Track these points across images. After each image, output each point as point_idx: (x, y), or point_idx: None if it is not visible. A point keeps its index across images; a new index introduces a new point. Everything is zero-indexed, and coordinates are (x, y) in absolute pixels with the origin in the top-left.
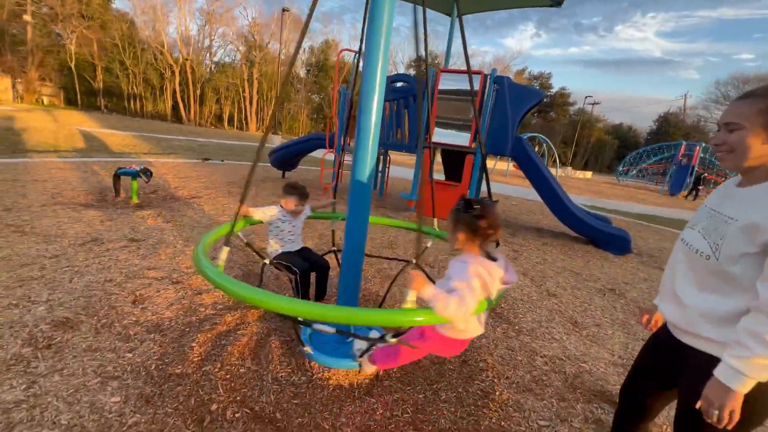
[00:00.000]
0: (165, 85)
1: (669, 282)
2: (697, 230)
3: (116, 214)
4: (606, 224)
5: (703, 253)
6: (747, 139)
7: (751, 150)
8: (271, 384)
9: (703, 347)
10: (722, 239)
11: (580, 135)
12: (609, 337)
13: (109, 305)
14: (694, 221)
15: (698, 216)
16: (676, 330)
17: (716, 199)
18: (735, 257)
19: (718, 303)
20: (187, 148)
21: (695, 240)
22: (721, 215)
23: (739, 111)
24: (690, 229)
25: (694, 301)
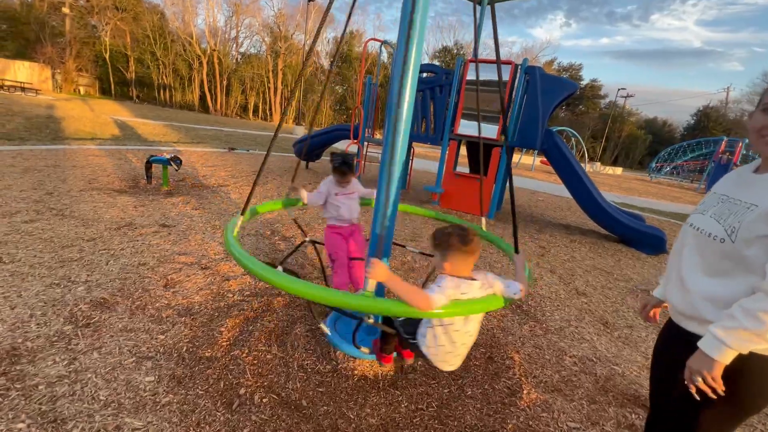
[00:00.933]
0: (193, 76)
1: (675, 268)
2: (708, 215)
3: (148, 200)
4: (640, 222)
5: (716, 236)
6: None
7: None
8: (297, 371)
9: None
10: (740, 223)
11: (611, 129)
12: (643, 339)
13: (142, 288)
14: (704, 207)
15: (708, 202)
16: (680, 317)
17: (728, 185)
18: (751, 240)
19: (724, 286)
20: (214, 137)
21: (707, 224)
22: (739, 201)
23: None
24: (700, 214)
25: (700, 285)
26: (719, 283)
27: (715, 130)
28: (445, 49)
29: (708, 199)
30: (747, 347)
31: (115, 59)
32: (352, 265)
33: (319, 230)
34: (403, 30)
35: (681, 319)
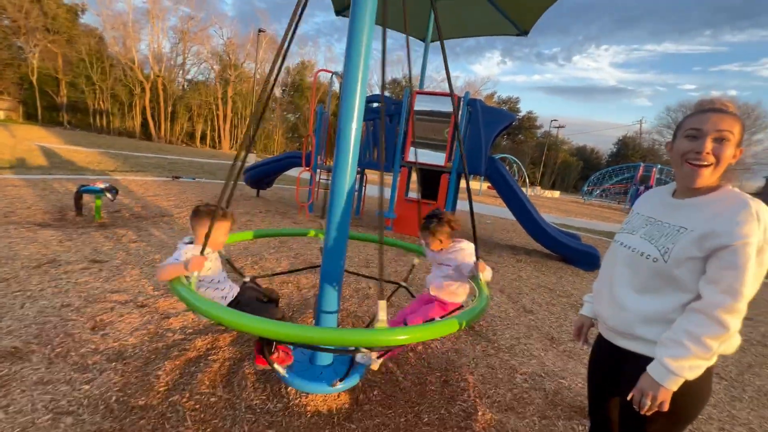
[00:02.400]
0: (134, 102)
1: (607, 285)
2: (638, 235)
3: (77, 234)
4: (577, 241)
5: (650, 255)
6: (730, 151)
7: (725, 164)
8: (245, 413)
9: (637, 349)
10: (673, 245)
11: (548, 156)
12: (585, 352)
13: (65, 332)
14: (632, 227)
15: (634, 222)
16: (611, 334)
17: (651, 207)
18: (681, 261)
19: (654, 303)
20: (157, 165)
21: (639, 244)
22: (668, 224)
23: (727, 121)
24: (629, 234)
25: (631, 302)
26: (651, 300)
27: (633, 156)
28: (394, 81)
29: (633, 219)
30: (696, 373)
31: (43, 83)
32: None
33: (271, 260)
34: (350, 63)
35: (612, 336)
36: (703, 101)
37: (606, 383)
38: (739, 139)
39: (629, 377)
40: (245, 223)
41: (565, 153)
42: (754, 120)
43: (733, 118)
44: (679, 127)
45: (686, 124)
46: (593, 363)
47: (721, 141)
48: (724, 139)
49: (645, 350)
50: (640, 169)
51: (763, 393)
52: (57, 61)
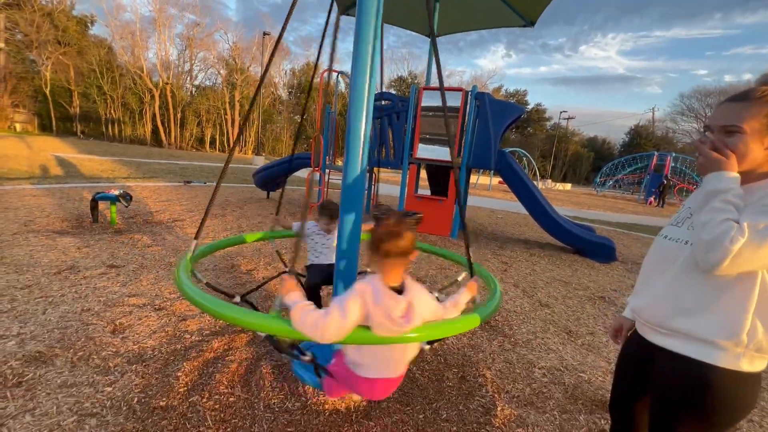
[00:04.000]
0: (144, 109)
1: (646, 280)
2: (684, 227)
3: (94, 240)
4: (590, 233)
5: (689, 242)
6: (748, 142)
7: (751, 154)
8: (263, 412)
9: (671, 345)
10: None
11: (558, 149)
12: (604, 345)
13: (86, 336)
14: (678, 220)
15: (681, 215)
16: (646, 329)
17: (699, 200)
18: None
19: (692, 292)
20: (168, 171)
21: (683, 235)
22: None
23: (734, 113)
24: (674, 227)
25: (669, 293)
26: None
27: (646, 145)
28: (400, 78)
29: (681, 213)
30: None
31: (56, 94)
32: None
33: None
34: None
35: (647, 331)
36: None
37: (635, 380)
38: (758, 128)
39: (660, 374)
40: (257, 224)
41: (576, 144)
42: None
43: (745, 106)
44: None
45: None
46: (624, 358)
47: (732, 134)
48: (732, 132)
49: (678, 347)
50: (654, 158)
51: None
52: (69, 73)
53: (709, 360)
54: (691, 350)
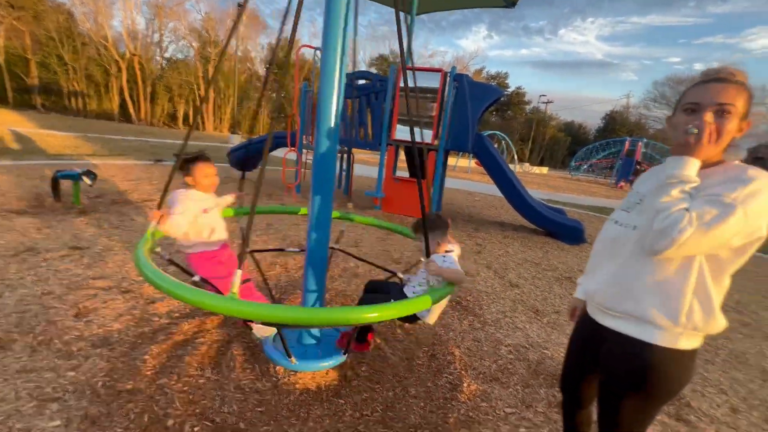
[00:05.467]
0: (111, 83)
1: (596, 263)
2: (633, 213)
3: (56, 220)
4: (561, 216)
5: (636, 227)
6: (732, 125)
7: (728, 137)
8: (234, 393)
9: (618, 327)
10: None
11: (536, 132)
12: (568, 323)
13: (47, 320)
14: (627, 205)
15: (630, 200)
16: (595, 311)
17: (649, 185)
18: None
19: (641, 277)
20: (138, 148)
21: (631, 220)
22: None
23: (731, 93)
24: (623, 211)
25: (617, 277)
26: (633, 274)
27: (620, 131)
28: (381, 57)
29: (631, 198)
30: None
31: (11, 63)
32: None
33: (258, 242)
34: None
35: (596, 313)
36: (708, 71)
37: (586, 358)
38: (744, 112)
39: (609, 353)
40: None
41: (553, 129)
42: None
43: (737, 88)
44: (680, 99)
45: (686, 97)
46: (575, 337)
47: (722, 114)
48: (725, 112)
49: (625, 328)
50: (627, 143)
51: (734, 356)
52: (24, 40)
53: (651, 340)
54: (637, 331)
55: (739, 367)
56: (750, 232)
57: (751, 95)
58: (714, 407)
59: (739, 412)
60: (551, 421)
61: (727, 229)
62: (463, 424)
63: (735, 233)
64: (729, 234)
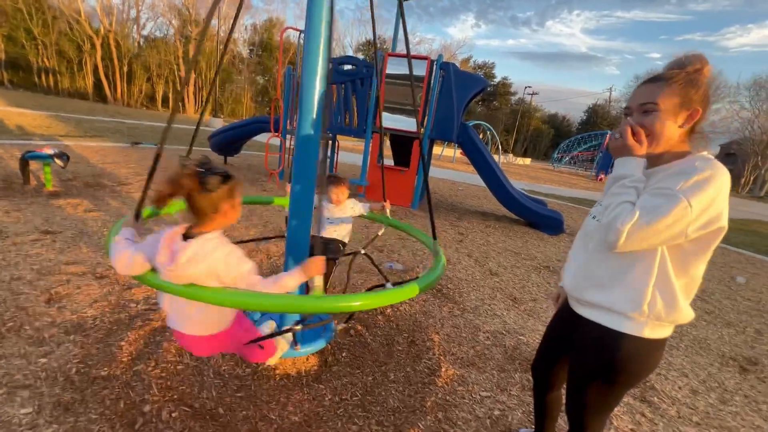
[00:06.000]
0: (84, 59)
1: (571, 256)
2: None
3: (25, 203)
4: (542, 207)
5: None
6: (664, 120)
7: (665, 133)
8: (213, 379)
9: (589, 315)
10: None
11: (521, 123)
12: (544, 310)
13: (16, 306)
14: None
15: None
16: (572, 300)
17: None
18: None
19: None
20: (114, 130)
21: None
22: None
23: (650, 92)
24: (599, 206)
25: (587, 268)
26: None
27: (602, 124)
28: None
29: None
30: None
31: None
32: None
33: (239, 228)
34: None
35: (572, 302)
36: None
37: (559, 344)
38: (671, 107)
39: (579, 339)
40: None
41: (538, 120)
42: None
43: (660, 86)
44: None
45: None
46: (552, 324)
47: (647, 114)
48: (648, 111)
49: (594, 316)
50: (607, 136)
51: (696, 342)
52: None
53: (618, 328)
54: (606, 319)
55: (701, 352)
56: (704, 222)
57: (693, 83)
58: (676, 389)
59: (698, 393)
60: (524, 404)
61: (671, 220)
62: (439, 407)
63: (684, 224)
64: (676, 225)
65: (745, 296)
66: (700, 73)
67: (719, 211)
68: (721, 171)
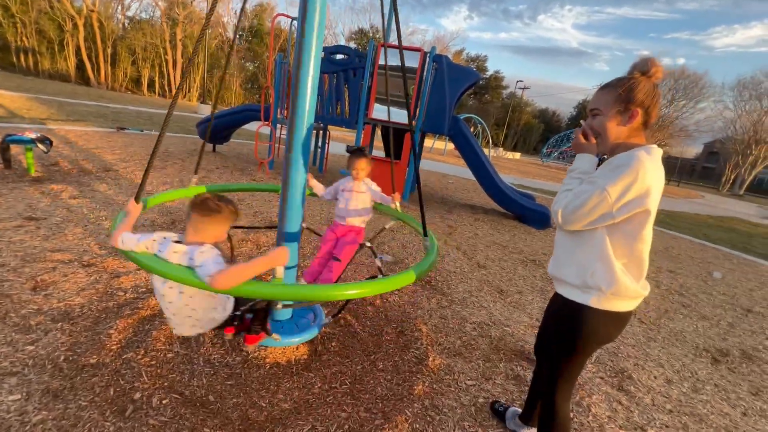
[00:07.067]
0: (66, 40)
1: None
2: None
3: (6, 189)
4: (530, 201)
5: None
6: (605, 122)
7: (610, 132)
8: (203, 367)
9: (560, 290)
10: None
11: (511, 118)
12: (529, 302)
13: (1, 293)
14: None
15: None
16: (553, 280)
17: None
18: None
19: (563, 247)
20: (98, 114)
21: None
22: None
23: (597, 99)
24: None
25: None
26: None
27: None
28: (361, 31)
29: None
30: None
31: None
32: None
33: None
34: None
35: (554, 282)
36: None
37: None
38: (611, 109)
39: (548, 311)
40: (201, 179)
41: (528, 115)
42: (699, 89)
43: (603, 93)
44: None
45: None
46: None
47: (593, 117)
48: (593, 115)
49: (560, 290)
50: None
51: (674, 334)
52: None
53: (570, 296)
54: (564, 291)
55: (677, 344)
56: (624, 204)
57: (631, 89)
58: (652, 379)
59: (672, 383)
60: (508, 392)
61: (591, 204)
62: (426, 395)
63: (606, 207)
64: (597, 209)
65: (720, 291)
66: (639, 80)
67: (638, 195)
68: (639, 160)
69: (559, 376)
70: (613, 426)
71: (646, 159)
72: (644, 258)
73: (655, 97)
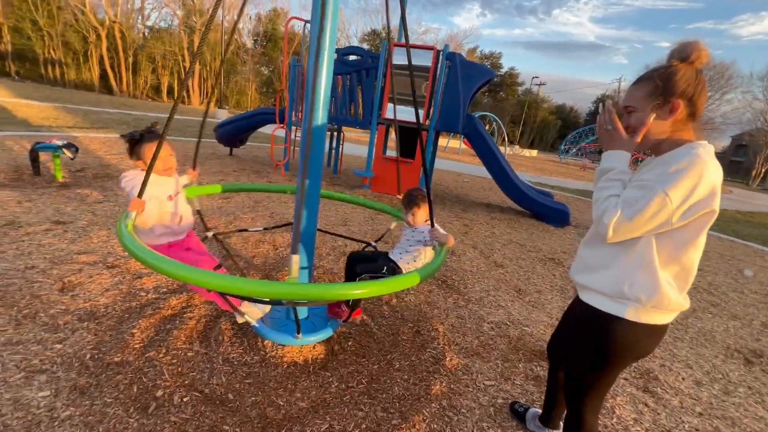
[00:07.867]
0: (90, 51)
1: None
2: None
3: (36, 194)
4: (548, 199)
5: None
6: (643, 118)
7: (650, 128)
8: (222, 366)
9: (582, 296)
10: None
11: (527, 115)
12: (548, 301)
13: (31, 294)
14: None
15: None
16: (576, 286)
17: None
18: None
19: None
20: (121, 121)
21: None
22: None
23: (631, 94)
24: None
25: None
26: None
27: None
28: (373, 32)
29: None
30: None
31: None
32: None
33: (246, 219)
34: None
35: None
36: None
37: (565, 323)
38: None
39: (572, 320)
40: (218, 182)
41: (545, 111)
42: (726, 80)
43: (637, 88)
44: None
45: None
46: (566, 309)
47: (630, 114)
48: (628, 112)
49: (587, 298)
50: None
51: (702, 334)
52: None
53: (602, 308)
54: (593, 300)
55: (706, 344)
56: (687, 210)
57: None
58: (679, 380)
59: (702, 385)
60: (528, 393)
61: (650, 213)
62: (444, 395)
63: (666, 215)
64: (657, 217)
65: (752, 289)
66: (678, 68)
67: (703, 197)
68: (700, 159)
69: (589, 390)
70: (639, 429)
71: (706, 156)
72: (694, 267)
73: (699, 85)
